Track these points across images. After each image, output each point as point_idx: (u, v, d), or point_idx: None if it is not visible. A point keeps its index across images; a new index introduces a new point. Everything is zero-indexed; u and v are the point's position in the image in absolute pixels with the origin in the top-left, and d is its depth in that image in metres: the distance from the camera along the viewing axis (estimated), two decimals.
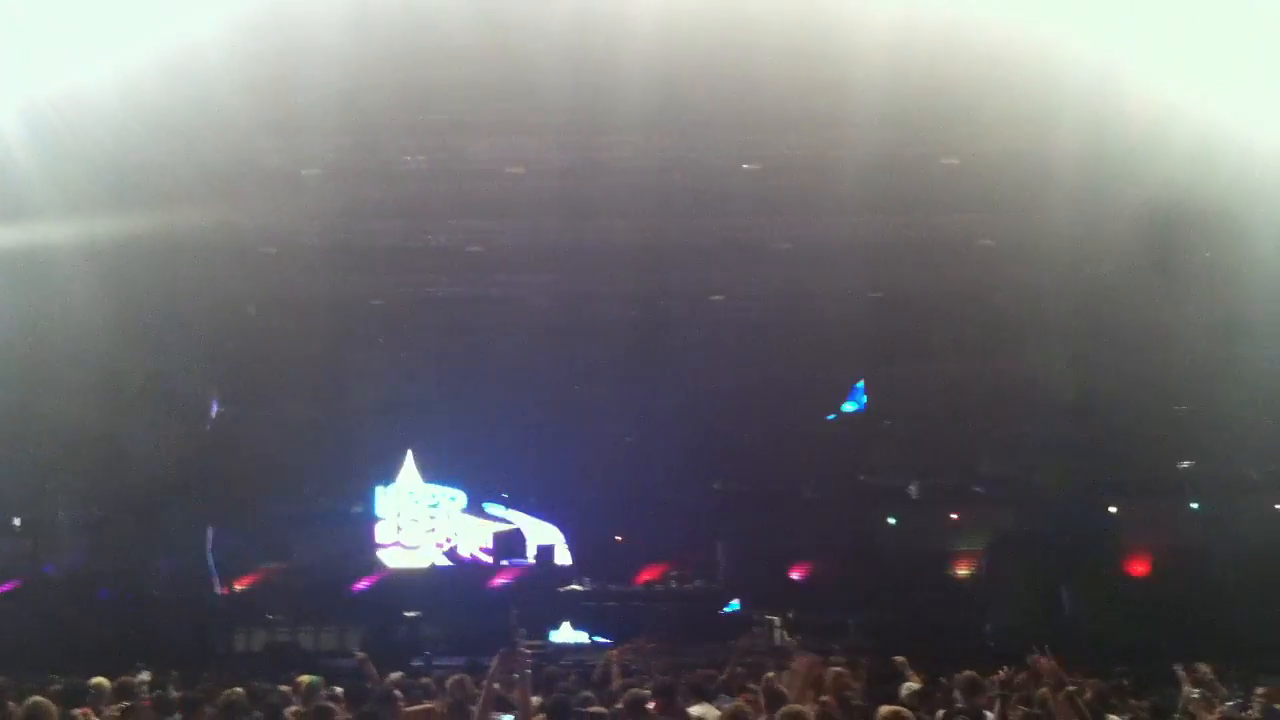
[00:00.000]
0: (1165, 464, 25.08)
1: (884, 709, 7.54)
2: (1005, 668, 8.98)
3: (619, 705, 8.95)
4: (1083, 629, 22.27)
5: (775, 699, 8.60)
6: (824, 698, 8.94)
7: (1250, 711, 9.52)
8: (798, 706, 7.44)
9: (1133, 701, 9.55)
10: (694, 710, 9.19)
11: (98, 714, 9.58)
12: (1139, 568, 24.92)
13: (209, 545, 22.62)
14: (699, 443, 27.00)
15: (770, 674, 10.09)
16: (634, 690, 9.11)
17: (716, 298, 24.94)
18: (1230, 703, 9.81)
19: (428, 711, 9.33)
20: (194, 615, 22.61)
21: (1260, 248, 18.22)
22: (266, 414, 23.46)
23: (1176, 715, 9.41)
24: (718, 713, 8.98)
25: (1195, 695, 9.47)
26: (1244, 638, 17.62)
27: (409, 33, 16.01)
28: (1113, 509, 24.45)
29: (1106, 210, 20.15)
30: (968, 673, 9.71)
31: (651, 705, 9.01)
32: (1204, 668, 10.51)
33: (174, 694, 11.60)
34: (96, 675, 10.63)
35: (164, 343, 22.16)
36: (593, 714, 8.66)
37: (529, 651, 7.97)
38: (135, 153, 18.19)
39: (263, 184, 19.76)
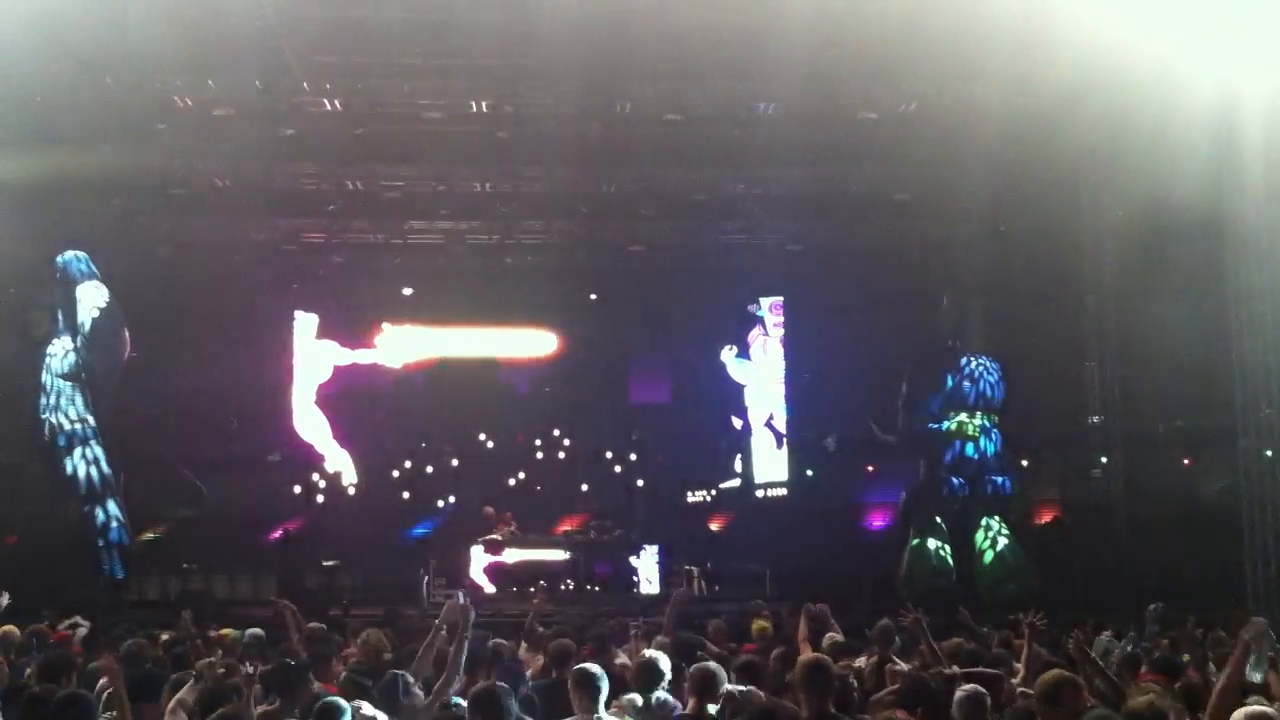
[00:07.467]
0: (1075, 418, 25.38)
1: (804, 658, 7.43)
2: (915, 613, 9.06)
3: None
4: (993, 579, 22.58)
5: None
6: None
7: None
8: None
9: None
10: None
11: (9, 661, 9.42)
12: (1047, 519, 25.29)
13: (120, 491, 22.19)
14: (618, 394, 27.13)
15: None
16: (561, 641, 9.06)
17: (636, 248, 24.92)
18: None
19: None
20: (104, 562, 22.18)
21: (1173, 203, 18.45)
22: (179, 358, 23.05)
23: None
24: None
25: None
26: (1149, 588, 17.92)
27: None
28: (1024, 462, 24.72)
29: (1021, 165, 20.40)
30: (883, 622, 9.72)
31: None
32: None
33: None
34: (3, 624, 10.43)
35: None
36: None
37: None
38: (45, 88, 17.71)
39: (174, 124, 19.37)
